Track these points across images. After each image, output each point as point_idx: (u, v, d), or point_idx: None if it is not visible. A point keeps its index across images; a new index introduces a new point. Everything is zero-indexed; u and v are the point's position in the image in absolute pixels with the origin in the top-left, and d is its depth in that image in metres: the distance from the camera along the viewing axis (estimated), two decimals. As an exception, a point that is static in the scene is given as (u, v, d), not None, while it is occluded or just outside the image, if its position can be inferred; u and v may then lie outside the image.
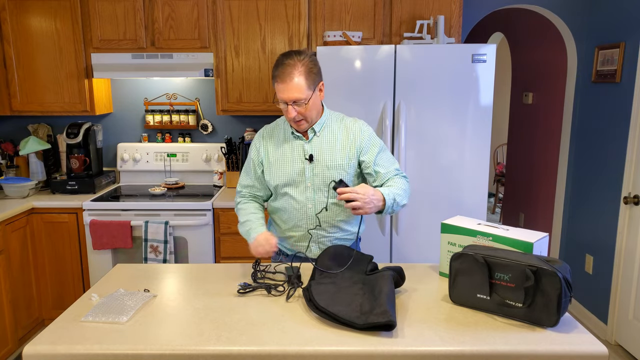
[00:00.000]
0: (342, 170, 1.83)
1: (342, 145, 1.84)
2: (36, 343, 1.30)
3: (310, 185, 1.85)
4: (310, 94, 1.72)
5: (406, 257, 2.80)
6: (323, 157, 1.83)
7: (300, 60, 1.70)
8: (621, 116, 2.96)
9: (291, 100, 1.71)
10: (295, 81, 1.68)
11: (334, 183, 1.67)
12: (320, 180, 1.84)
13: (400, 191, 1.78)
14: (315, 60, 1.76)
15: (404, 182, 1.83)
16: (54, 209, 2.96)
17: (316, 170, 1.83)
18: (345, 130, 1.86)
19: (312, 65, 1.72)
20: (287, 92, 1.69)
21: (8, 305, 2.74)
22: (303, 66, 1.69)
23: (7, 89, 3.13)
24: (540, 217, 4.05)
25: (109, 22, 3.04)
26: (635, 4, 2.86)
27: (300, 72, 1.69)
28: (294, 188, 1.86)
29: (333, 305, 1.40)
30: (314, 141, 1.84)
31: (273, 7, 3.01)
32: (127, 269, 1.81)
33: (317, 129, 1.84)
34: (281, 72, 1.69)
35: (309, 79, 1.70)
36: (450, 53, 2.61)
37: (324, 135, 1.85)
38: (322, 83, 1.79)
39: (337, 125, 1.87)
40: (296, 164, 1.84)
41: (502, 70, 6.78)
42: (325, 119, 1.86)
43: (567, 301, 1.36)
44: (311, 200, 1.86)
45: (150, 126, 3.45)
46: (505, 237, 1.52)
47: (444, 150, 2.70)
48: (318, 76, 1.76)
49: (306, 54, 1.73)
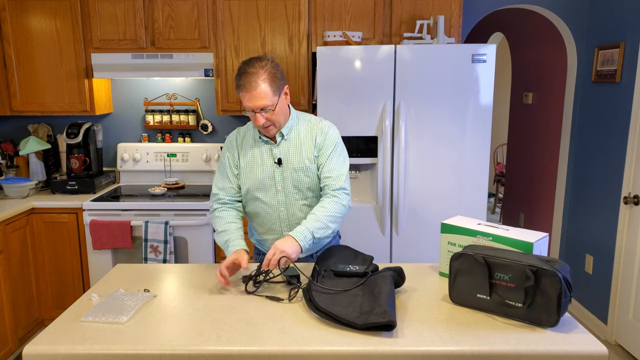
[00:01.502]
0: (309, 172, 1.83)
1: (307, 147, 1.84)
2: (36, 343, 1.30)
3: (280, 189, 1.85)
4: (276, 99, 1.73)
5: (406, 257, 2.80)
6: (291, 160, 1.84)
7: (263, 67, 1.70)
8: (621, 116, 2.96)
9: (258, 108, 1.70)
10: (260, 88, 1.68)
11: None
12: (290, 184, 1.85)
13: (323, 222, 1.70)
14: (277, 65, 1.76)
15: (335, 205, 1.74)
16: (54, 209, 2.96)
17: (285, 174, 1.84)
18: (310, 132, 1.85)
19: (274, 71, 1.72)
20: (253, 100, 1.69)
21: (8, 305, 2.74)
22: (266, 73, 1.69)
23: (7, 89, 3.14)
24: (540, 217, 4.05)
25: (109, 22, 3.04)
26: (635, 4, 2.86)
27: (264, 79, 1.69)
28: (265, 192, 1.86)
29: (333, 306, 1.40)
30: (282, 145, 1.85)
31: (273, 7, 3.01)
32: (127, 269, 1.81)
33: (284, 133, 1.84)
34: (245, 81, 1.69)
35: (274, 85, 1.71)
36: (450, 53, 2.61)
37: (291, 138, 1.85)
38: (286, 86, 1.80)
39: (304, 127, 1.87)
40: (266, 168, 1.85)
41: (502, 70, 6.79)
42: (292, 122, 1.87)
43: (567, 301, 1.36)
44: (283, 204, 1.87)
45: (150, 126, 3.45)
46: (505, 237, 1.52)
47: (444, 150, 2.70)
48: (282, 80, 1.76)
49: (267, 60, 1.73)
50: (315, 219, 1.71)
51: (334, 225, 1.75)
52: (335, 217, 1.75)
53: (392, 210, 2.75)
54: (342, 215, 1.79)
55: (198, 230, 2.91)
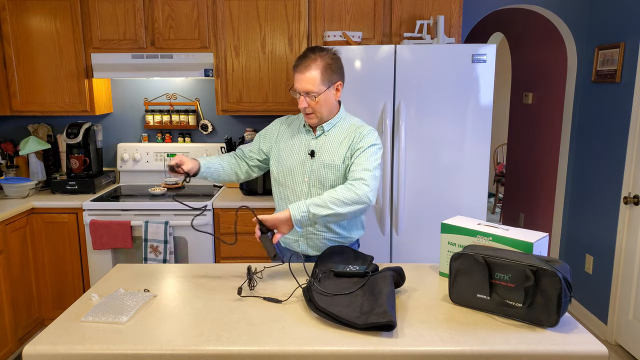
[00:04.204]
0: (337, 170, 1.84)
1: (342, 147, 1.85)
2: (36, 343, 1.30)
3: (307, 180, 1.87)
4: (323, 89, 1.76)
5: (406, 257, 2.80)
6: (323, 155, 1.85)
7: (321, 55, 1.76)
8: (621, 116, 2.96)
9: (303, 91, 1.77)
10: (310, 73, 1.74)
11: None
12: (317, 178, 1.86)
13: (323, 200, 1.67)
14: (337, 60, 1.81)
15: (344, 191, 1.70)
16: (54, 209, 2.96)
17: (314, 167, 1.86)
18: (350, 133, 1.86)
19: (331, 62, 1.77)
20: (301, 82, 1.76)
21: (8, 305, 2.74)
22: (322, 61, 1.76)
23: (7, 89, 3.14)
24: (540, 217, 4.05)
25: (109, 22, 3.04)
26: (635, 4, 2.86)
27: (318, 66, 1.75)
28: (292, 180, 1.89)
29: (333, 306, 1.40)
30: (321, 138, 1.88)
31: (273, 7, 3.01)
32: (127, 269, 1.81)
33: (326, 128, 1.87)
34: (300, 63, 1.77)
35: (325, 74, 1.76)
36: (450, 53, 2.61)
37: (331, 135, 1.87)
38: (339, 83, 1.83)
39: (346, 128, 1.88)
40: (299, 156, 1.88)
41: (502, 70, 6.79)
42: (337, 120, 1.89)
43: (567, 301, 1.36)
44: (306, 195, 1.88)
45: (150, 126, 3.45)
46: (505, 237, 1.52)
47: (444, 150, 2.70)
48: (336, 75, 1.80)
49: (329, 52, 1.79)
50: (318, 197, 1.70)
51: (337, 209, 1.67)
52: (341, 201, 1.68)
53: (392, 210, 2.75)
54: (352, 203, 1.69)
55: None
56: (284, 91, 3.10)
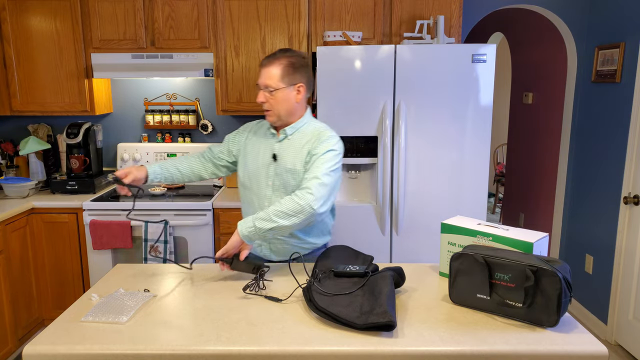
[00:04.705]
0: (297, 175, 1.83)
1: (303, 151, 1.84)
2: (36, 343, 1.30)
3: (270, 184, 1.87)
4: (282, 86, 1.79)
5: (406, 257, 2.80)
6: (285, 159, 1.85)
7: (287, 55, 1.81)
8: (621, 116, 2.96)
9: (263, 85, 1.82)
10: (272, 69, 1.79)
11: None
12: (280, 182, 1.86)
13: (268, 215, 1.67)
14: (303, 62, 1.83)
15: (289, 202, 1.68)
16: (54, 209, 2.96)
17: (278, 171, 1.86)
18: (311, 138, 1.85)
19: (295, 62, 1.81)
20: (261, 76, 1.82)
21: (8, 305, 2.74)
22: (286, 60, 1.80)
23: (7, 89, 3.14)
24: (540, 217, 4.05)
25: (109, 22, 3.04)
26: (635, 4, 2.86)
27: (281, 63, 1.79)
28: (257, 183, 1.90)
29: (333, 306, 1.40)
30: (284, 142, 1.88)
31: (273, 7, 3.01)
32: (127, 269, 1.81)
33: (289, 132, 1.87)
34: (266, 59, 1.83)
35: (286, 72, 1.79)
36: (450, 53, 2.61)
37: (294, 139, 1.87)
38: (301, 85, 1.82)
39: (309, 133, 1.87)
40: (263, 160, 1.89)
41: (502, 70, 6.79)
42: (301, 125, 1.89)
43: (567, 301, 1.36)
44: (269, 199, 1.88)
45: (150, 126, 3.45)
46: (505, 237, 1.52)
47: (444, 150, 2.70)
48: (299, 76, 1.81)
49: (296, 54, 1.83)
50: (264, 211, 1.70)
51: (281, 221, 1.66)
52: (284, 212, 1.66)
53: (392, 210, 2.75)
54: (295, 214, 1.67)
55: (198, 230, 2.91)
56: (284, 91, 3.09)
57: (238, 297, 1.56)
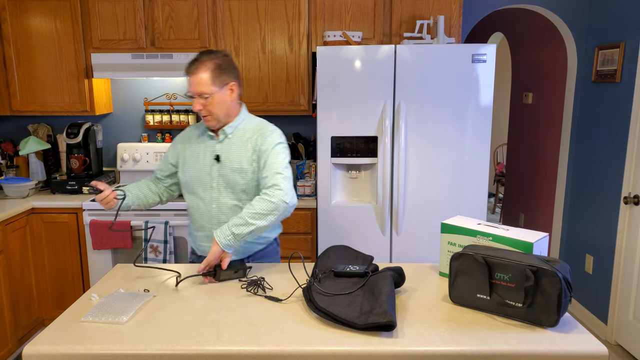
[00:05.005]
0: (245, 174, 1.84)
1: (247, 149, 1.84)
2: (36, 343, 1.30)
3: (215, 186, 1.87)
4: (215, 90, 1.78)
5: (406, 257, 2.80)
6: (230, 159, 1.85)
7: (211, 57, 1.79)
8: (621, 116, 2.96)
9: (196, 93, 1.79)
10: (200, 75, 1.77)
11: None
12: (226, 182, 1.86)
13: (243, 219, 1.69)
14: (229, 61, 1.83)
15: (260, 203, 1.72)
16: (54, 209, 2.96)
17: (222, 172, 1.86)
18: (253, 135, 1.86)
19: (221, 63, 1.80)
20: (192, 85, 1.79)
21: (8, 305, 2.74)
22: (211, 63, 1.78)
23: (7, 89, 3.14)
24: (540, 217, 4.05)
25: (109, 22, 3.04)
26: (635, 4, 2.86)
27: (207, 67, 1.77)
28: (201, 187, 1.89)
29: (333, 306, 1.40)
30: (225, 142, 1.88)
31: (273, 7, 3.01)
32: (127, 269, 1.81)
33: (228, 131, 1.87)
34: (191, 66, 1.79)
35: (215, 75, 1.78)
36: (450, 53, 2.61)
37: (235, 138, 1.87)
38: (234, 84, 1.83)
39: (250, 129, 1.88)
40: (206, 162, 1.88)
41: (502, 70, 6.79)
42: (239, 122, 1.89)
43: (567, 301, 1.36)
44: (215, 201, 1.88)
45: (150, 126, 3.45)
46: (505, 237, 1.52)
47: (444, 150, 2.70)
48: (228, 75, 1.81)
49: (220, 54, 1.82)
50: (238, 216, 1.72)
51: (258, 222, 1.70)
52: (259, 214, 1.70)
53: (392, 210, 2.75)
54: (270, 212, 1.71)
55: (198, 230, 2.91)
56: (284, 91, 3.10)
57: (238, 297, 1.56)
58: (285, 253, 2.95)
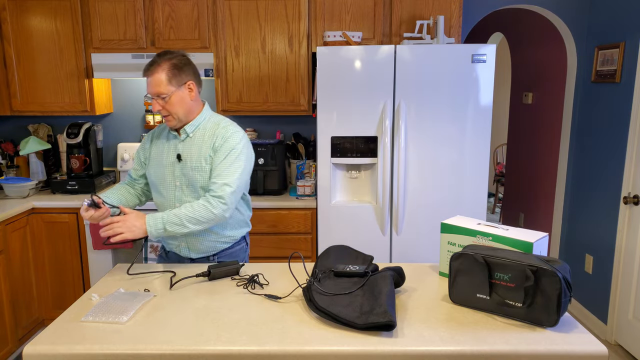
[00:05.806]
0: (203, 172, 1.84)
1: (206, 147, 1.85)
2: (36, 343, 1.30)
3: (178, 185, 1.88)
4: (172, 89, 1.79)
5: (406, 257, 2.80)
6: (190, 158, 1.86)
7: (167, 58, 1.80)
8: (621, 116, 2.96)
9: (154, 94, 1.80)
10: (157, 76, 1.78)
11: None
12: (187, 181, 1.87)
13: (180, 219, 1.73)
14: (185, 61, 1.84)
15: (202, 210, 1.75)
16: (54, 209, 2.96)
17: (184, 171, 1.87)
18: (213, 133, 1.86)
19: (177, 63, 1.81)
20: (150, 86, 1.80)
21: (8, 305, 2.75)
22: (167, 63, 1.79)
23: (7, 89, 3.14)
24: (540, 217, 4.05)
25: (109, 22, 3.04)
26: (635, 4, 2.86)
27: (163, 68, 1.78)
28: (165, 186, 1.91)
29: (333, 306, 1.40)
30: (187, 142, 1.89)
31: (273, 7, 3.01)
32: (127, 269, 1.81)
33: (189, 130, 1.88)
34: (147, 67, 1.81)
35: (171, 75, 1.79)
36: (450, 53, 2.61)
37: (196, 137, 1.88)
38: (191, 83, 1.84)
39: (210, 128, 1.88)
40: (168, 162, 1.89)
41: (502, 70, 6.79)
42: (201, 121, 1.89)
43: (567, 301, 1.36)
44: (178, 200, 1.89)
45: (150, 126, 3.44)
46: (505, 237, 1.52)
47: (444, 150, 2.70)
48: (185, 75, 1.82)
49: (176, 54, 1.83)
50: (176, 214, 1.74)
51: (192, 227, 1.75)
52: (197, 220, 1.75)
53: (392, 210, 2.75)
54: (208, 221, 1.77)
55: (198, 230, 2.91)
56: (284, 91, 3.10)
57: (238, 297, 1.56)
58: (285, 253, 2.95)
